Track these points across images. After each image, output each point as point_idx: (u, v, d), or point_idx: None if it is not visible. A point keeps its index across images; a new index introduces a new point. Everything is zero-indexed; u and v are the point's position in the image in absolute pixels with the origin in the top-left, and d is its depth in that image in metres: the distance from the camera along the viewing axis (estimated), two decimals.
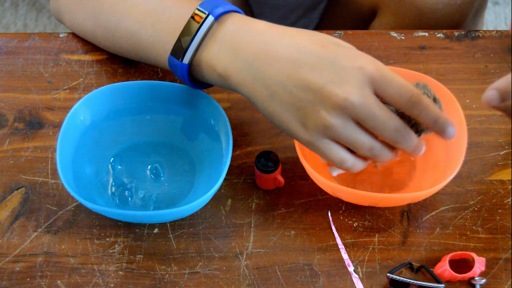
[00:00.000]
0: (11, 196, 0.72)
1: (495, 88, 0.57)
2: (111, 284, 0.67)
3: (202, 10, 0.64)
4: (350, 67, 0.58)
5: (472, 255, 0.66)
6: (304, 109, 0.59)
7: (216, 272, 0.67)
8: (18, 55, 0.83)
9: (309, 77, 0.58)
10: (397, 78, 0.58)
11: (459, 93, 0.78)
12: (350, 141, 0.60)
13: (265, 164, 0.68)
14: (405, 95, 0.58)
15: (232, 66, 0.63)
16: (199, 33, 0.64)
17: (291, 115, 0.60)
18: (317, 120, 0.59)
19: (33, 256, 0.68)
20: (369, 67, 0.58)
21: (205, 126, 0.72)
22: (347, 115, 0.58)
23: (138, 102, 0.72)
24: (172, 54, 0.66)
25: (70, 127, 0.69)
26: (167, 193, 0.72)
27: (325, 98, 0.58)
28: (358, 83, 0.57)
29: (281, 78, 0.60)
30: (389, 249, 0.68)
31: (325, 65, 0.58)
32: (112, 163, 0.73)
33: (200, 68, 0.66)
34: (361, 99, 0.57)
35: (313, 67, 0.59)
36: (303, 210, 0.71)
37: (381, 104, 0.59)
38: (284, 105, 0.60)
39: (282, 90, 0.60)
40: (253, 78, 0.61)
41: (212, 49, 0.64)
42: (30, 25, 1.91)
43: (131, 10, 0.71)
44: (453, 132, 0.60)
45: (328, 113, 0.58)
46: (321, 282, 0.66)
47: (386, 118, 0.58)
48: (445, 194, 0.71)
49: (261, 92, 0.61)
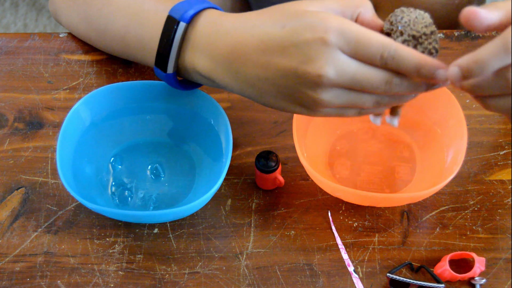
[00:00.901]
0: (11, 196, 0.72)
1: (457, 65, 0.52)
2: (111, 284, 0.67)
3: (173, 16, 0.63)
4: (312, 41, 0.54)
5: (472, 255, 0.66)
6: (294, 94, 0.57)
7: (216, 272, 0.67)
8: (18, 55, 0.83)
9: (281, 64, 0.56)
10: (363, 39, 0.54)
11: (459, 93, 0.78)
12: (352, 104, 0.57)
13: (265, 164, 0.68)
14: (376, 55, 0.54)
15: (214, 71, 0.62)
16: (174, 43, 0.63)
17: (287, 102, 0.59)
18: (309, 100, 0.57)
19: (33, 256, 0.68)
20: (331, 36, 0.54)
21: (205, 126, 0.72)
22: (332, 86, 0.55)
23: (138, 102, 0.72)
24: (156, 65, 0.65)
25: (70, 127, 0.69)
26: (167, 193, 0.72)
27: (304, 80, 0.55)
28: (326, 56, 0.54)
29: (259, 73, 0.58)
30: (389, 249, 0.68)
31: (290, 47, 0.56)
32: (113, 163, 0.73)
33: (187, 72, 0.65)
34: (334, 71, 0.54)
35: (281, 52, 0.56)
36: (303, 210, 0.71)
37: (358, 64, 0.55)
38: (275, 96, 0.59)
39: (266, 84, 0.58)
40: (236, 80, 0.61)
41: (192, 55, 0.63)
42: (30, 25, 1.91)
43: (115, 15, 0.71)
44: (443, 73, 0.53)
45: (314, 91, 0.56)
46: (321, 282, 0.66)
47: (369, 77, 0.54)
48: (445, 194, 0.71)
49: (250, 91, 0.60)
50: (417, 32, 0.56)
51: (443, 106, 0.71)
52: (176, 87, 0.68)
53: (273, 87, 0.58)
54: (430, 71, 0.53)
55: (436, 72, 0.53)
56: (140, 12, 0.69)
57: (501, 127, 0.76)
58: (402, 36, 0.57)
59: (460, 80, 0.52)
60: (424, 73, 0.54)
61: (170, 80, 0.66)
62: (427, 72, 0.53)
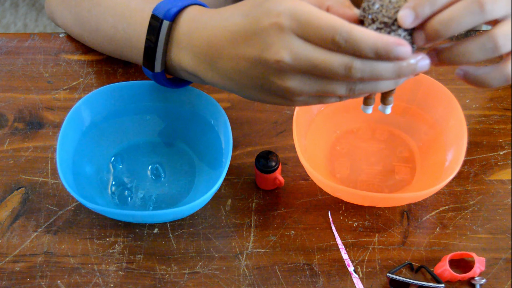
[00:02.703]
0: (11, 196, 0.72)
1: (409, 6, 0.50)
2: (111, 284, 0.67)
3: (157, 15, 0.62)
4: (268, 26, 0.53)
5: (472, 255, 0.66)
6: (265, 84, 0.56)
7: (216, 272, 0.67)
8: (18, 55, 0.83)
9: (248, 54, 0.55)
10: (314, 21, 0.51)
11: (459, 93, 0.78)
12: (323, 91, 0.54)
13: (265, 164, 0.68)
14: (327, 38, 0.50)
15: (198, 69, 0.61)
16: (159, 42, 0.62)
17: (264, 94, 0.57)
18: (279, 89, 0.55)
19: (33, 256, 0.68)
20: (283, 19, 0.52)
21: (205, 126, 0.72)
22: (292, 72, 0.53)
23: (138, 102, 0.72)
24: (144, 65, 0.65)
25: (70, 127, 0.69)
26: (167, 193, 0.72)
27: (266, 67, 0.54)
28: (281, 41, 0.52)
29: (233, 65, 0.57)
30: (389, 249, 0.68)
31: (252, 36, 0.54)
32: (113, 162, 0.73)
33: (175, 70, 0.65)
34: (290, 56, 0.52)
35: (246, 42, 0.55)
36: (303, 210, 0.71)
37: (314, 48, 0.52)
38: (252, 87, 0.57)
39: (241, 76, 0.57)
40: (217, 74, 0.60)
41: (177, 53, 0.63)
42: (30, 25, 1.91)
43: (104, 15, 0.71)
44: (403, 51, 0.49)
45: (280, 79, 0.54)
46: (321, 282, 0.66)
47: (326, 61, 0.51)
48: (445, 194, 0.71)
49: (230, 85, 0.59)
50: (389, 19, 0.52)
51: (443, 106, 0.71)
52: (165, 85, 0.67)
53: (246, 79, 0.57)
54: (388, 50, 0.49)
55: (396, 49, 0.49)
56: (127, 11, 0.69)
57: (501, 127, 0.76)
58: (374, 23, 0.53)
59: (414, 21, 0.50)
60: (382, 53, 0.49)
61: (159, 78, 0.66)
62: (385, 52, 0.49)
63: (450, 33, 0.50)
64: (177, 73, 0.65)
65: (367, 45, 0.49)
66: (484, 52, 0.52)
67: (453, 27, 0.50)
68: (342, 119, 0.75)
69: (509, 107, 0.77)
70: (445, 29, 0.50)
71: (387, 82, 0.53)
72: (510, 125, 0.76)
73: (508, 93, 0.78)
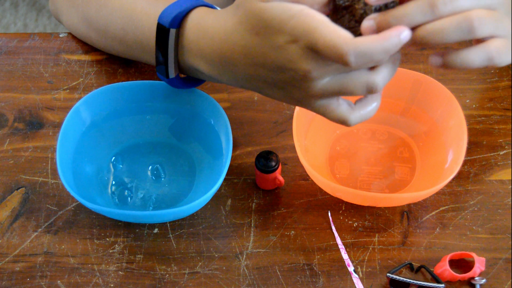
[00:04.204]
0: (11, 196, 0.72)
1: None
2: (111, 284, 0.67)
3: (162, 24, 0.63)
4: (285, 45, 0.54)
5: (472, 255, 0.66)
6: (287, 86, 0.57)
7: (216, 272, 0.67)
8: (18, 55, 0.83)
9: (267, 64, 0.56)
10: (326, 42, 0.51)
11: (459, 93, 0.78)
12: (343, 91, 0.55)
13: (265, 164, 0.68)
14: (339, 59, 0.51)
15: (213, 72, 0.62)
16: (169, 51, 0.63)
17: (283, 95, 0.58)
18: (302, 93, 0.56)
19: (33, 256, 0.68)
20: (297, 38, 0.53)
21: (205, 126, 0.72)
22: (319, 78, 0.54)
23: (138, 102, 0.72)
24: (158, 72, 0.66)
25: (70, 127, 0.69)
26: (167, 193, 0.72)
27: (293, 76, 0.55)
28: (302, 57, 0.53)
29: (252, 72, 0.58)
30: (389, 249, 0.68)
31: (270, 51, 0.55)
32: (114, 162, 0.73)
33: (190, 71, 0.65)
34: (316, 69, 0.53)
35: (263, 56, 0.56)
36: (303, 210, 0.71)
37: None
38: (273, 89, 0.58)
39: (261, 80, 0.58)
40: (234, 78, 0.61)
41: (189, 59, 0.63)
42: (30, 25, 1.91)
43: (113, 16, 0.72)
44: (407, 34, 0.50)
45: (307, 84, 0.55)
46: (321, 282, 0.66)
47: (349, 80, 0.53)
48: (445, 194, 0.71)
49: (249, 86, 0.60)
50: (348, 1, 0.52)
51: (443, 106, 0.71)
52: (181, 88, 0.68)
53: (265, 83, 0.58)
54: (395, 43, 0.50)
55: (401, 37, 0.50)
56: (134, 14, 0.69)
57: (501, 127, 0.76)
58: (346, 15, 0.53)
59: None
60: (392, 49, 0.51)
61: (174, 83, 0.66)
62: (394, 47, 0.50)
63: (436, 43, 0.51)
64: (192, 73, 0.66)
65: (377, 52, 0.50)
66: (460, 32, 0.51)
67: (440, 38, 0.50)
68: None
69: (509, 107, 0.77)
70: (432, 39, 0.51)
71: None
72: (510, 125, 0.76)
73: (508, 93, 0.78)
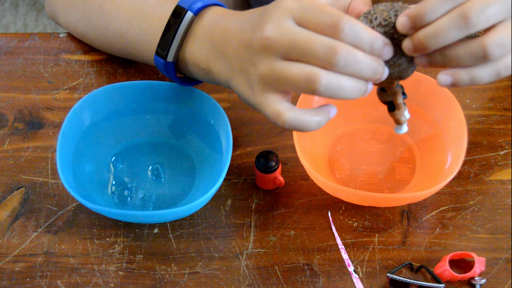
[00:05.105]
0: (11, 196, 0.72)
1: (406, 15, 0.52)
2: (111, 284, 0.67)
3: (181, 6, 0.64)
4: (271, 10, 0.55)
5: (472, 255, 0.66)
6: (249, 70, 0.57)
7: (216, 272, 0.67)
8: (18, 55, 0.83)
9: (245, 36, 0.57)
10: (319, 6, 0.52)
11: (459, 93, 0.78)
12: (286, 80, 0.54)
13: (265, 164, 0.68)
14: (328, 22, 0.52)
15: (209, 58, 0.62)
16: (179, 31, 0.64)
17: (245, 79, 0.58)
18: (256, 70, 0.56)
19: (33, 256, 0.68)
20: (288, 2, 0.54)
21: (205, 126, 0.72)
22: (273, 54, 0.54)
23: (138, 102, 0.72)
24: (157, 53, 0.66)
25: (70, 127, 0.69)
26: (167, 193, 0.72)
27: (253, 47, 0.55)
28: (276, 20, 0.54)
29: (235, 50, 0.59)
30: (389, 249, 0.68)
31: (259, 20, 0.56)
32: (114, 162, 0.73)
33: (186, 65, 0.66)
34: (277, 31, 0.53)
35: (251, 26, 0.57)
36: (303, 210, 0.71)
37: (303, 30, 0.53)
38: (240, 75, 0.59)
39: (237, 61, 0.59)
40: (226, 65, 0.61)
41: (193, 46, 0.64)
42: (30, 25, 1.91)
43: (118, 11, 0.72)
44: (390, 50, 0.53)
45: (260, 60, 0.55)
46: (321, 282, 0.66)
47: (310, 40, 0.52)
48: (445, 194, 0.71)
49: (238, 79, 0.60)
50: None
51: (443, 106, 0.71)
52: (173, 78, 0.68)
53: (238, 62, 0.58)
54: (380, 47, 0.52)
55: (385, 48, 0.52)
56: (145, 7, 0.70)
57: (501, 127, 0.76)
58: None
59: (409, 28, 0.52)
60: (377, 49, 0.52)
61: (169, 68, 0.66)
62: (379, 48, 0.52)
63: (436, 45, 0.51)
64: (185, 67, 0.66)
65: (367, 36, 0.52)
66: (475, 59, 0.52)
67: (439, 40, 0.51)
68: (342, 119, 0.75)
69: (509, 107, 0.77)
70: (431, 42, 0.51)
71: (356, 85, 0.53)
72: (510, 125, 0.76)
73: (508, 93, 0.78)
